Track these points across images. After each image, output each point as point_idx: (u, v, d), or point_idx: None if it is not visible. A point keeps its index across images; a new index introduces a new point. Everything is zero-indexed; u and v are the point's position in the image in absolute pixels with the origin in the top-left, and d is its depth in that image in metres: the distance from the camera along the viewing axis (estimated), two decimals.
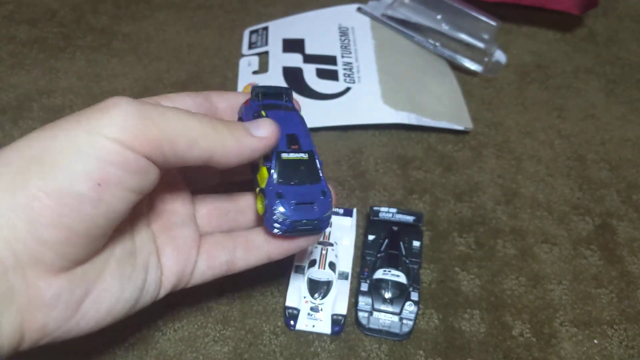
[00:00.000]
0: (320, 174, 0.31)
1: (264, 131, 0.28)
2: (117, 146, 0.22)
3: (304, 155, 0.31)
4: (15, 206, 0.21)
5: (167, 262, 0.29)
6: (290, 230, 0.30)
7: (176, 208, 0.31)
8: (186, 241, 0.30)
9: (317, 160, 0.31)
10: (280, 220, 0.30)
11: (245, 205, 0.33)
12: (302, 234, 0.31)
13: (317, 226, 0.31)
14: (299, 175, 0.31)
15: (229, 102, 0.32)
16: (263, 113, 0.31)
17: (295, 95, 0.50)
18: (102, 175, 0.22)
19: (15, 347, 0.23)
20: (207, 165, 0.26)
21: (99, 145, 0.22)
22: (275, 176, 0.30)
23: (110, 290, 0.26)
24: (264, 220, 0.31)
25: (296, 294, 0.38)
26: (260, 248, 0.31)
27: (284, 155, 0.31)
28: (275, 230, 0.30)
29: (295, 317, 0.37)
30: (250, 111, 0.32)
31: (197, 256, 0.30)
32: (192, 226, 0.31)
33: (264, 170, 0.31)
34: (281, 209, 0.30)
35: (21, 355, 0.34)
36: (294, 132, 0.31)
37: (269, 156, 0.31)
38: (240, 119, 0.32)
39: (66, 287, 0.24)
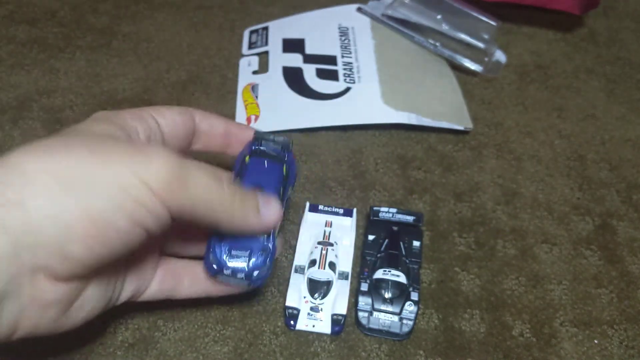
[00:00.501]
0: (272, 230, 0.32)
1: (271, 216, 0.30)
2: (153, 196, 0.25)
3: None
4: (55, 219, 0.23)
5: (127, 279, 0.31)
6: (220, 276, 0.32)
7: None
8: (148, 264, 0.32)
9: None
10: (211, 263, 0.31)
11: (203, 233, 0.34)
12: (234, 283, 0.32)
13: (248, 279, 0.32)
14: None
15: (210, 127, 0.34)
16: (247, 159, 0.33)
17: (295, 95, 0.51)
18: (137, 216, 0.25)
19: (7, 339, 0.25)
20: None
21: (141, 190, 0.24)
22: None
23: (92, 298, 0.28)
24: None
25: (296, 294, 0.38)
26: (203, 283, 0.34)
27: None
28: (208, 272, 0.32)
29: (295, 317, 0.37)
30: (244, 151, 0.34)
31: (152, 279, 0.33)
32: (157, 251, 0.33)
33: None
34: (214, 255, 0.31)
35: (23, 354, 0.34)
36: (262, 185, 0.32)
37: None
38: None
39: (65, 293, 0.26)
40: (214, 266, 0.31)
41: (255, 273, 0.32)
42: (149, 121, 0.30)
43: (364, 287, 0.38)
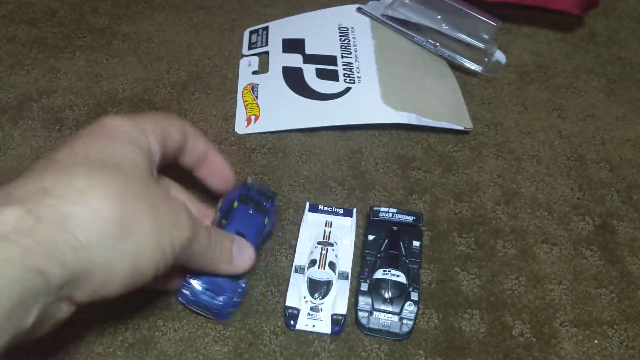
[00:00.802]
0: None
1: (244, 264, 0.35)
2: (174, 254, 0.29)
3: None
4: (109, 266, 0.26)
5: None
6: (192, 307, 0.36)
7: None
8: None
9: None
10: (185, 294, 0.35)
11: None
12: (204, 314, 0.36)
13: (216, 314, 0.36)
14: None
15: (193, 148, 0.36)
16: (235, 204, 0.37)
17: (295, 95, 0.51)
18: (160, 267, 0.28)
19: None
20: None
21: (170, 250, 0.28)
22: None
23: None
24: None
25: (296, 293, 0.38)
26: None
27: None
28: (180, 299, 0.36)
29: (295, 317, 0.37)
30: (232, 195, 0.38)
31: None
32: None
33: None
34: (191, 286, 0.35)
35: (23, 354, 0.34)
36: (243, 232, 0.36)
37: None
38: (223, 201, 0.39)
39: (72, 311, 0.28)
40: (188, 298, 0.35)
41: (224, 310, 0.36)
42: (163, 142, 0.33)
43: (364, 287, 0.38)
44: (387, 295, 0.37)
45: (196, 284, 0.35)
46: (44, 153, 0.46)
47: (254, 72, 0.54)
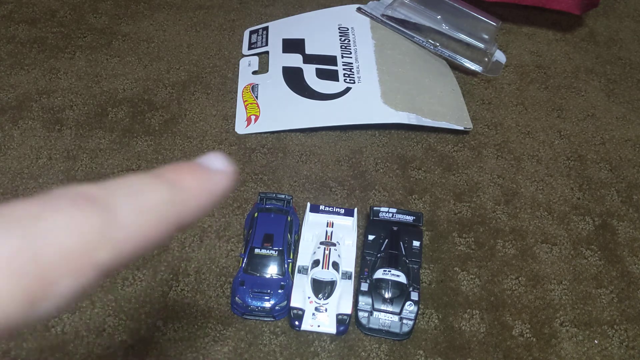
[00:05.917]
0: (285, 268, 0.39)
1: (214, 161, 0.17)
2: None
3: (274, 252, 0.39)
4: None
5: None
6: (247, 313, 0.37)
7: None
8: None
9: (285, 256, 0.39)
10: (238, 303, 0.37)
11: None
12: (258, 317, 0.37)
13: (271, 314, 0.37)
14: (265, 268, 0.38)
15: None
16: (256, 215, 0.41)
17: (295, 95, 0.51)
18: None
19: None
20: None
21: None
22: (244, 266, 0.38)
23: None
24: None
25: (300, 294, 0.38)
26: None
27: (256, 251, 0.38)
28: (234, 311, 0.37)
29: (300, 318, 0.37)
30: (252, 212, 0.42)
31: None
32: None
33: (241, 260, 0.39)
34: (240, 295, 0.37)
35: (21, 355, 0.34)
36: (272, 232, 0.39)
37: (244, 249, 0.40)
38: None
39: None
40: (240, 307, 0.37)
41: (277, 308, 0.37)
42: None
43: (364, 287, 0.38)
44: (387, 295, 0.37)
45: (243, 293, 0.37)
46: (44, 153, 0.46)
47: (254, 72, 0.54)
